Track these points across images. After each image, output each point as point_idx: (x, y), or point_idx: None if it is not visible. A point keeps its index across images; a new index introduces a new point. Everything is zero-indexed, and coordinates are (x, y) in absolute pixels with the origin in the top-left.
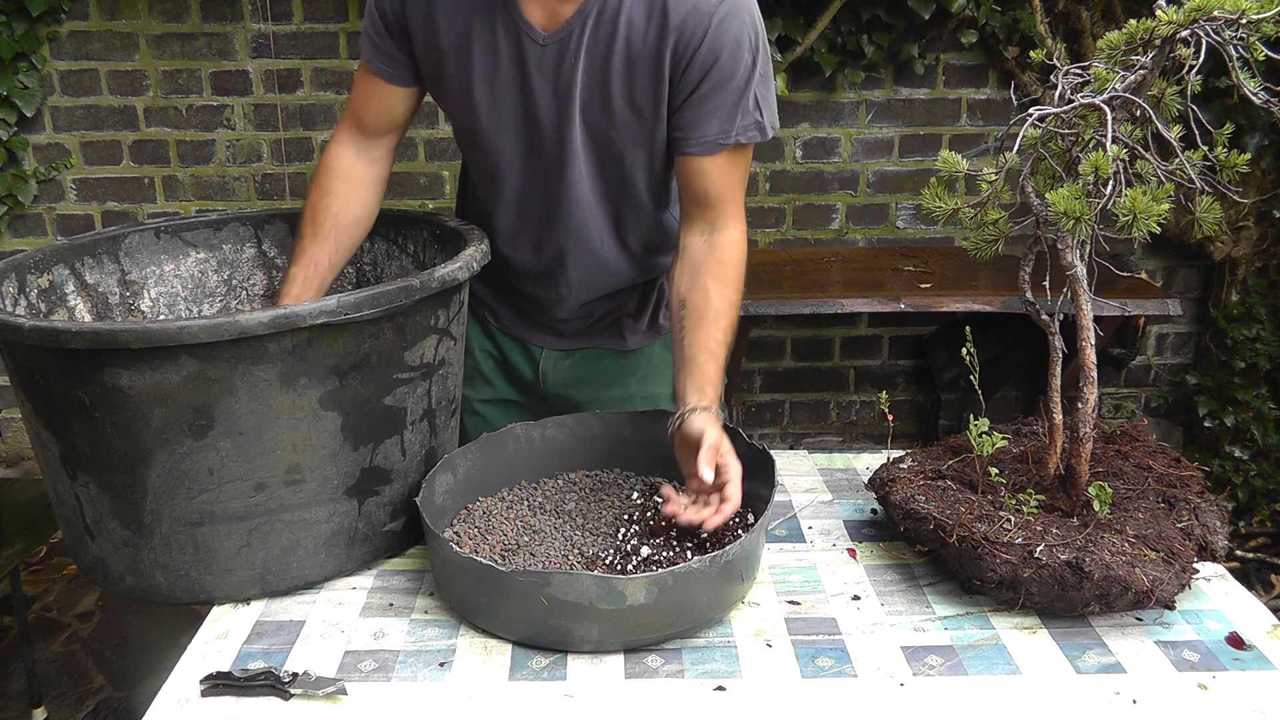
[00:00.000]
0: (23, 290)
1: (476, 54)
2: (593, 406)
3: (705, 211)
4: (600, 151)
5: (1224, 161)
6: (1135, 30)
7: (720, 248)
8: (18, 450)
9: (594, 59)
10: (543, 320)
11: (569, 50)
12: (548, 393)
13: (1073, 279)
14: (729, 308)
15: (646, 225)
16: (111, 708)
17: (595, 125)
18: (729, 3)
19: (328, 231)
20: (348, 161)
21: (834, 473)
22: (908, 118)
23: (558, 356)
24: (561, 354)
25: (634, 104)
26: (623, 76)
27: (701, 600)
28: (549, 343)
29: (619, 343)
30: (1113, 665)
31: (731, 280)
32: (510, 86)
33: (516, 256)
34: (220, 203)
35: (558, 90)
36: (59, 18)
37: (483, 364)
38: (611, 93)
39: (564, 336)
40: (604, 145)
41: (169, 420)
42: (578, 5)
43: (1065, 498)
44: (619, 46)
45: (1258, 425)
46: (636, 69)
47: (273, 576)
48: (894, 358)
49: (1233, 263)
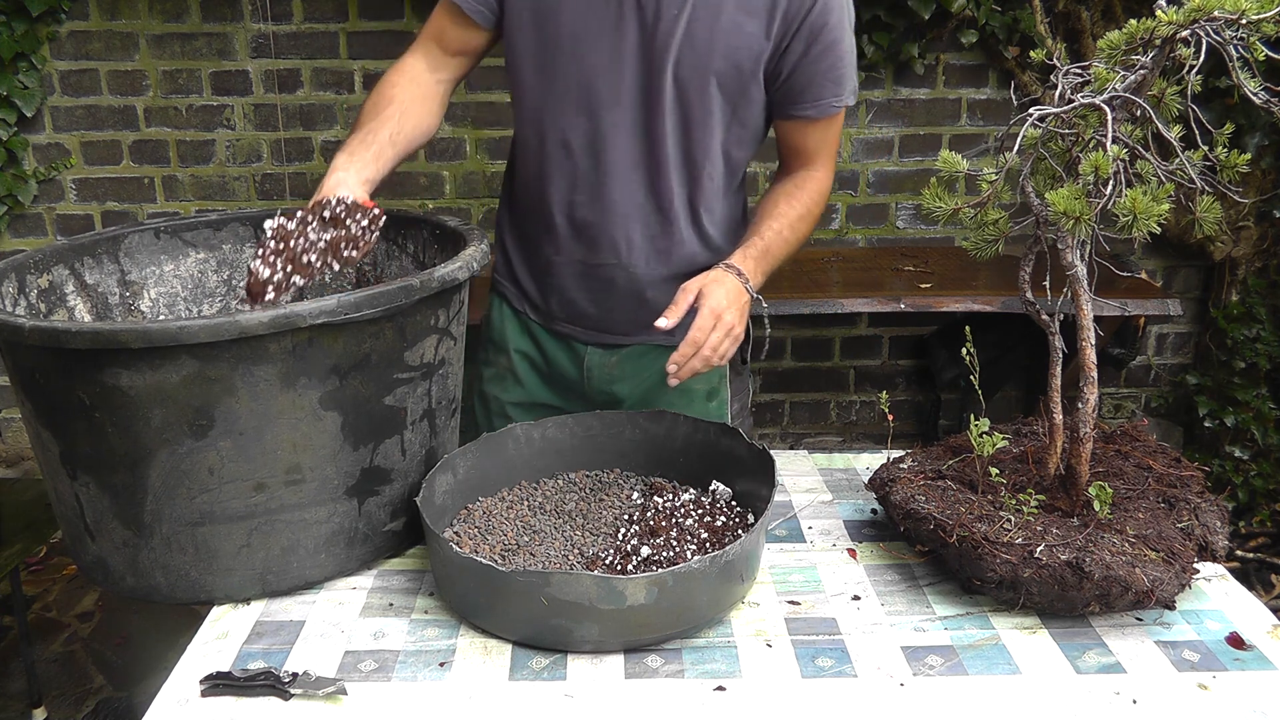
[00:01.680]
0: (23, 290)
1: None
2: (634, 402)
3: (801, 160)
4: (687, 110)
5: (1224, 161)
6: (1135, 30)
7: (801, 177)
8: (18, 450)
9: (700, 11)
10: (594, 314)
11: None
12: (591, 390)
13: (1073, 279)
14: (792, 214)
15: (721, 205)
16: (111, 708)
17: (687, 80)
18: None
19: (390, 114)
20: (418, 71)
21: (834, 473)
22: (908, 118)
23: (603, 353)
24: (607, 350)
25: (736, 63)
26: (727, 34)
27: (701, 600)
28: (595, 338)
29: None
30: (1113, 665)
31: (803, 198)
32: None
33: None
34: (220, 203)
35: (655, 38)
36: (59, 18)
37: (517, 365)
38: (714, 49)
39: (613, 332)
40: (693, 103)
41: (169, 420)
42: None
43: (1065, 498)
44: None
45: (1258, 425)
46: (745, 29)
47: (273, 576)
48: (894, 358)
49: (1233, 263)
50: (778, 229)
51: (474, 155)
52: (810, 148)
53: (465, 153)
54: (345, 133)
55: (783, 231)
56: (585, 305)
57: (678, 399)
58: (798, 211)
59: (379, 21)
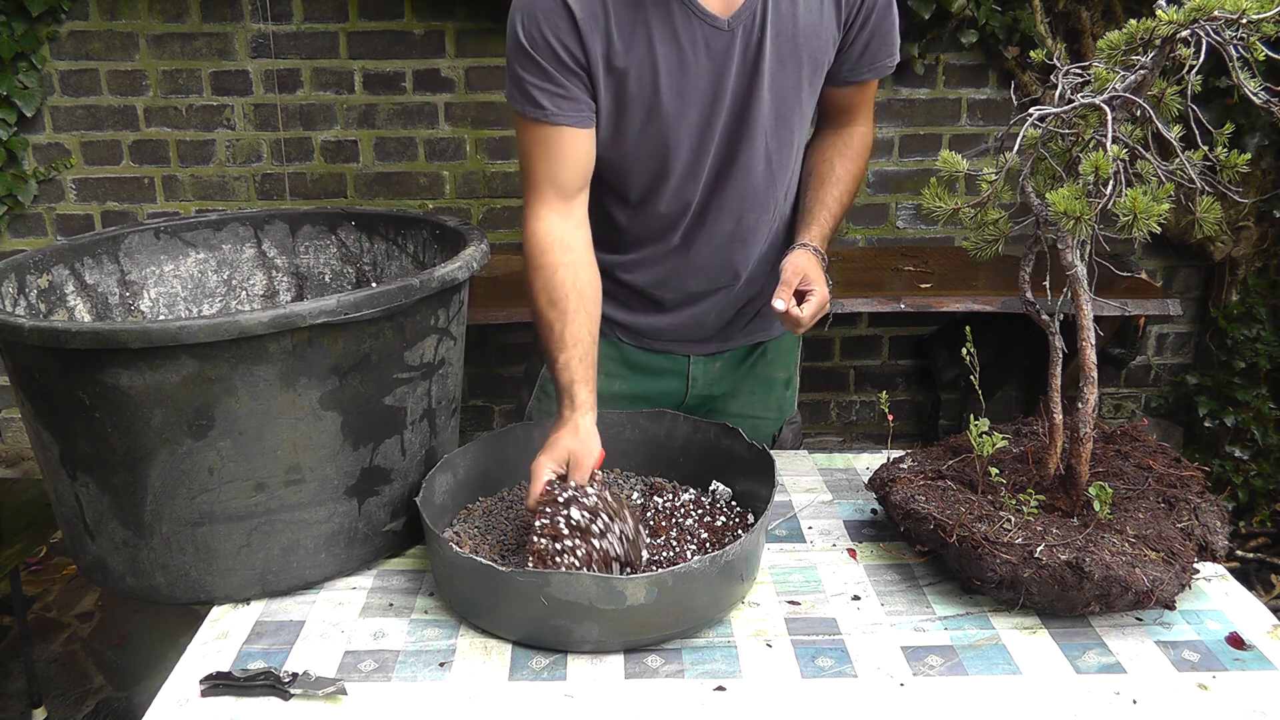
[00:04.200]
0: (23, 290)
1: (662, 56)
2: (728, 401)
3: (846, 117)
4: (778, 116)
5: (1224, 161)
6: (1135, 30)
7: (847, 135)
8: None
9: (780, 29)
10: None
11: (755, 26)
12: (691, 400)
13: (1073, 279)
14: (848, 177)
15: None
16: (111, 708)
17: (782, 91)
18: None
19: (575, 306)
20: (559, 231)
21: (834, 473)
22: (908, 118)
23: (706, 361)
24: (709, 358)
25: (816, 60)
26: (807, 38)
27: (701, 600)
28: (696, 349)
29: (765, 333)
30: (1113, 665)
31: (855, 157)
32: (701, 78)
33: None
34: (220, 203)
35: (745, 68)
36: (59, 18)
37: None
38: (800, 55)
39: (711, 340)
40: (783, 108)
41: (169, 420)
42: None
43: (1065, 498)
44: (801, 11)
45: (1258, 425)
46: (819, 29)
47: (273, 576)
48: (894, 358)
49: (1233, 263)
50: (838, 195)
51: (474, 155)
52: (858, 105)
53: (465, 153)
54: (344, 132)
55: (842, 198)
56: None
57: (759, 387)
58: (852, 173)
59: (379, 21)
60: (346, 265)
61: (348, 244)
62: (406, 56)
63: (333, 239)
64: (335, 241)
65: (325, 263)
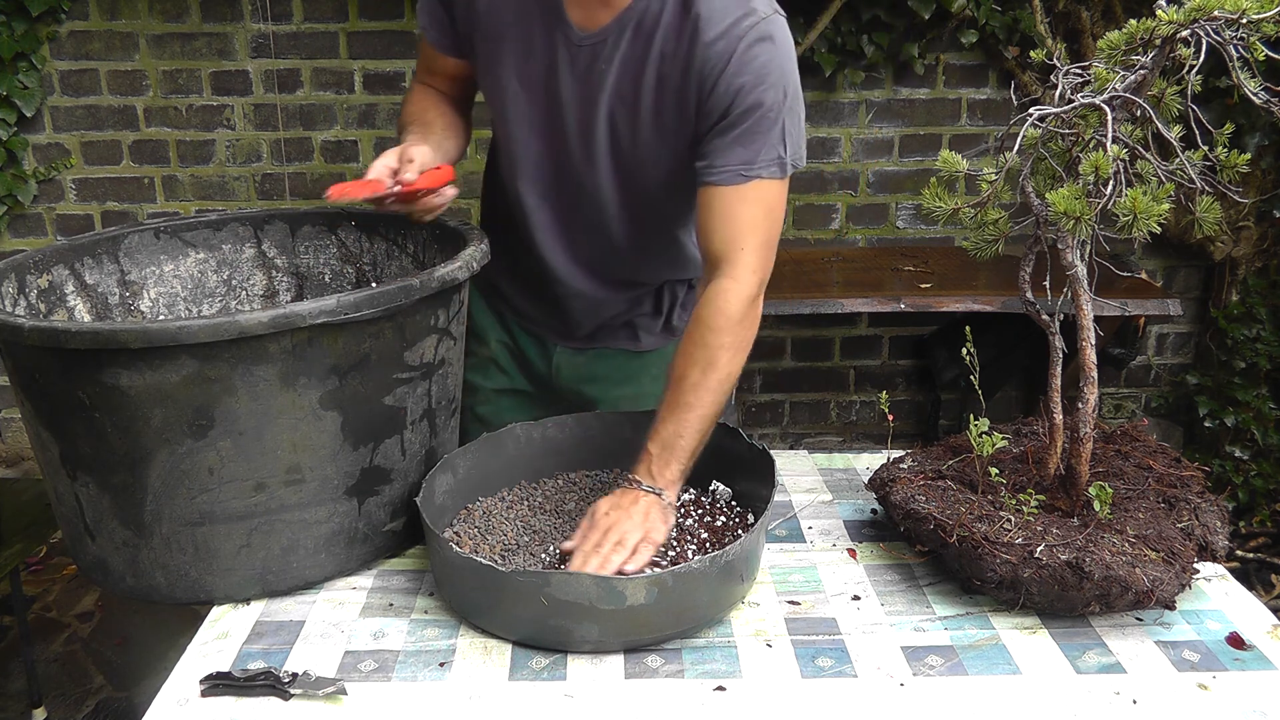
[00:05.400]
0: (23, 290)
1: (510, 40)
2: (604, 403)
3: (711, 254)
4: (624, 162)
5: (1224, 161)
6: (1135, 30)
7: (707, 301)
8: (18, 450)
9: (627, 70)
10: (557, 318)
11: (602, 56)
12: (560, 387)
13: (1073, 279)
14: (701, 376)
15: (665, 244)
16: (111, 708)
17: (621, 134)
18: (760, 30)
19: (431, 117)
20: (427, 91)
21: (834, 473)
22: (908, 118)
23: (571, 353)
24: (575, 351)
25: (661, 121)
26: (653, 92)
27: (701, 600)
28: (563, 341)
29: (633, 343)
30: (1113, 665)
31: (705, 340)
32: (538, 80)
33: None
34: (220, 203)
35: (585, 94)
36: (59, 18)
37: (498, 355)
38: (640, 105)
39: (576, 338)
40: (629, 156)
41: (169, 420)
42: (616, 13)
43: (1065, 498)
44: (652, 62)
45: (1258, 425)
46: (666, 87)
47: (273, 576)
48: (894, 358)
49: (1233, 263)
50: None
51: (474, 155)
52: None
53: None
54: (344, 132)
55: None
56: (551, 313)
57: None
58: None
59: (379, 21)
60: (346, 265)
61: (348, 244)
62: (406, 56)
63: (333, 239)
64: (335, 241)
65: (325, 263)
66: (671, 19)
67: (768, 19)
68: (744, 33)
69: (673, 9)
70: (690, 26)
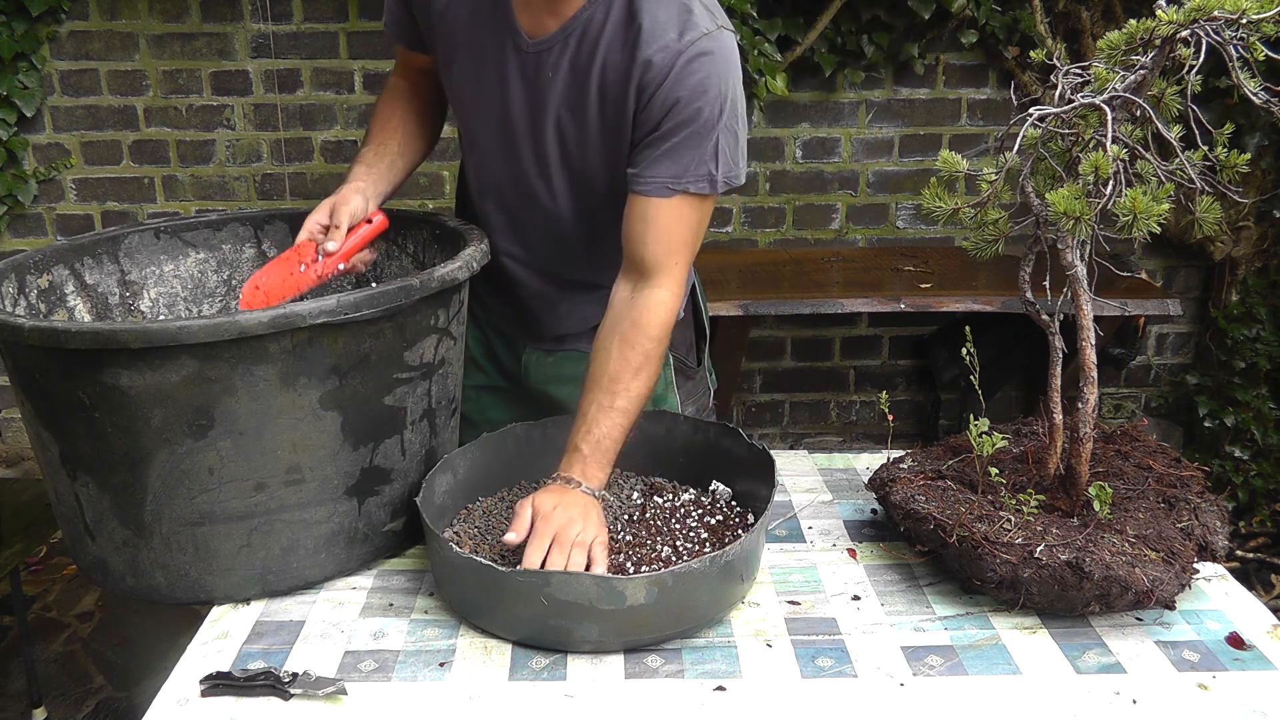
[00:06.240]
0: (23, 290)
1: (464, 44)
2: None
3: (640, 261)
4: (574, 168)
5: (1224, 161)
6: (1135, 30)
7: (641, 306)
8: (18, 450)
9: (574, 78)
10: (523, 319)
11: (548, 64)
12: (530, 387)
13: (1073, 279)
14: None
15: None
16: (111, 708)
17: (569, 141)
18: (701, 45)
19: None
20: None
21: (834, 473)
22: (908, 118)
23: (540, 354)
24: (544, 352)
25: (606, 130)
26: (597, 102)
27: (701, 600)
28: (532, 342)
29: None
30: (1113, 665)
31: (641, 345)
32: (492, 85)
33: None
34: (220, 203)
35: (533, 100)
36: (59, 18)
37: (474, 351)
38: (587, 114)
39: (545, 339)
40: (578, 162)
41: (169, 420)
42: (561, 22)
43: (1065, 498)
44: (596, 72)
45: (1258, 425)
46: (609, 97)
47: (273, 576)
48: (894, 358)
49: (1233, 263)
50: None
51: None
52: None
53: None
54: (344, 132)
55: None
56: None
57: None
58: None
59: (379, 21)
60: None
61: None
62: None
63: None
64: None
65: None
66: (615, 29)
67: (710, 35)
68: (684, 47)
69: (617, 20)
70: (633, 38)
